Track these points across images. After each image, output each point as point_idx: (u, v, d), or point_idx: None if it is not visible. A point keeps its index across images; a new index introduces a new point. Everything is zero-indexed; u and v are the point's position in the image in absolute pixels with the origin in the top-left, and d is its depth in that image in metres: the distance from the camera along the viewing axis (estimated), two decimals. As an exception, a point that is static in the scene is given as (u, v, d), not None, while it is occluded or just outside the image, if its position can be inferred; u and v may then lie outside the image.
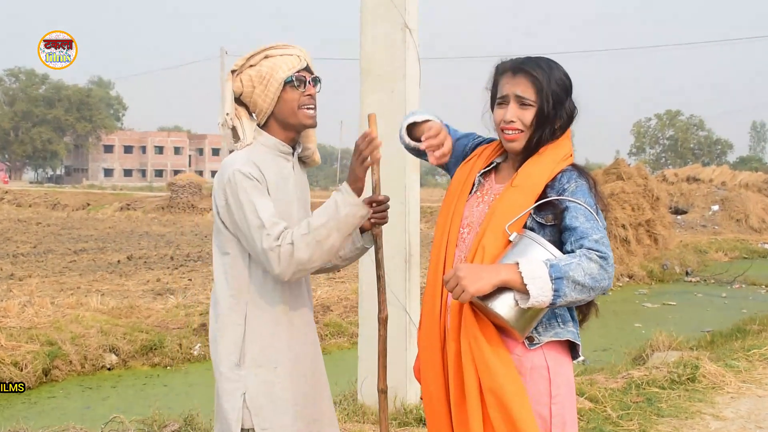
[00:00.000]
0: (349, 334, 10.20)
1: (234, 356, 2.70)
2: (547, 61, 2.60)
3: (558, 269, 2.27)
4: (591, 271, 2.29)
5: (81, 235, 25.95)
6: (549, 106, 2.52)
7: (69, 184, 78.34)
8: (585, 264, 2.29)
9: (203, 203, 37.71)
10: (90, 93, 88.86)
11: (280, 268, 2.57)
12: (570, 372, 2.54)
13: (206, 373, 8.83)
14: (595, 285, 2.29)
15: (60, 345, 8.75)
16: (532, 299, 2.27)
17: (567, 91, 2.57)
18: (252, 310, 2.70)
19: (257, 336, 2.70)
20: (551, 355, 2.48)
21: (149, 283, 14.13)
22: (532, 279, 2.27)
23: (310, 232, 2.58)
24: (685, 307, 14.36)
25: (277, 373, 2.71)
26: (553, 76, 2.54)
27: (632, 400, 6.10)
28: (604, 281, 2.31)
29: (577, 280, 2.27)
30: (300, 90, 2.76)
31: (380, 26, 5.48)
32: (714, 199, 32.74)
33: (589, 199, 2.46)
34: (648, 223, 19.42)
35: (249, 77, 2.75)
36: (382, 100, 5.45)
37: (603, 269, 2.30)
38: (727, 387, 6.50)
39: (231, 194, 2.64)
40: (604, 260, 2.31)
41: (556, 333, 2.48)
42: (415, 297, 5.70)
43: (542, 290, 2.27)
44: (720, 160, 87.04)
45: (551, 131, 2.55)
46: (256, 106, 2.77)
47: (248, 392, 2.68)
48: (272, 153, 2.78)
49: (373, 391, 5.59)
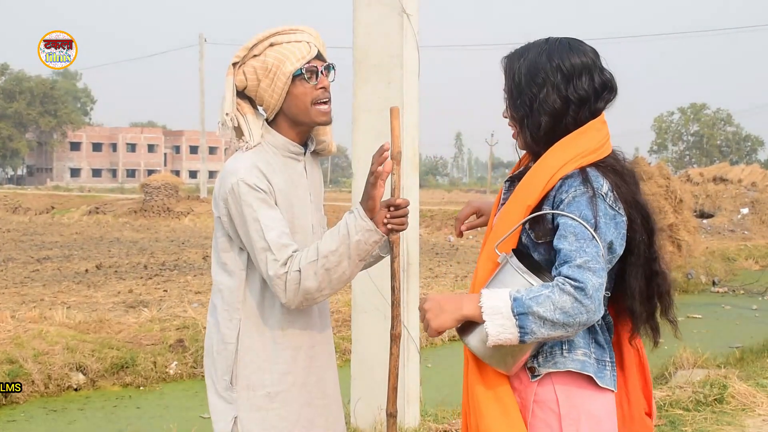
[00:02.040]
0: (341, 350, 10.18)
1: (227, 376, 2.70)
2: (534, 45, 2.50)
3: (521, 304, 2.19)
4: (563, 305, 2.17)
5: (45, 242, 25.89)
6: (515, 94, 2.47)
7: (32, 185, 78.36)
8: (556, 297, 2.18)
9: (180, 206, 37.68)
10: (54, 85, 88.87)
11: (286, 298, 2.56)
12: (596, 405, 2.41)
13: (183, 393, 8.82)
14: (570, 321, 2.17)
15: (21, 363, 8.72)
16: (491, 338, 2.22)
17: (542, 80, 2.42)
18: (246, 328, 2.69)
19: (251, 358, 2.69)
20: (562, 388, 2.38)
21: (120, 294, 14.10)
22: (492, 316, 2.22)
23: (319, 259, 2.54)
24: (712, 320, 14.38)
25: (273, 399, 2.69)
26: (526, 61, 2.45)
27: (654, 423, 6.10)
28: (581, 315, 2.17)
29: (544, 316, 2.17)
30: (312, 83, 2.69)
31: (375, 10, 5.47)
32: (743, 201, 32.77)
33: (586, 212, 2.29)
34: (671, 228, 19.44)
35: (253, 69, 2.69)
36: (378, 91, 5.44)
37: (578, 302, 2.17)
38: (759, 409, 6.51)
39: (234, 207, 2.61)
40: (580, 291, 2.17)
41: (555, 363, 2.38)
42: (414, 310, 5.68)
43: (504, 328, 2.20)
44: (750, 158, 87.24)
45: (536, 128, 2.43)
46: (263, 101, 2.72)
47: (240, 417, 2.68)
48: (281, 154, 2.74)
49: (368, 412, 5.60)
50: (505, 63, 2.53)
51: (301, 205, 2.76)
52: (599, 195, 2.33)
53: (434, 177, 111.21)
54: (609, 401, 2.44)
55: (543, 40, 2.51)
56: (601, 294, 2.21)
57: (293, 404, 2.71)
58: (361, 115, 5.50)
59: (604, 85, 2.45)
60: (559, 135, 2.42)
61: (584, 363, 2.39)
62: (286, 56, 2.66)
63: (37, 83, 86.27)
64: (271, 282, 2.56)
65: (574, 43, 2.47)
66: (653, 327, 2.55)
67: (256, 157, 2.68)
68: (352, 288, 5.77)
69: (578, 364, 2.38)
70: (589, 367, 2.39)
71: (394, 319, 2.81)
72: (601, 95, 2.45)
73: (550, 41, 2.48)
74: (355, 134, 5.58)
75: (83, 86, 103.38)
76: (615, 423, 2.46)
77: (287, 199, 2.70)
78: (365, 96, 5.49)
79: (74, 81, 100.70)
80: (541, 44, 2.48)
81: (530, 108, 2.43)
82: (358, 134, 5.54)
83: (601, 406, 2.42)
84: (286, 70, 2.65)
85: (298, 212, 2.74)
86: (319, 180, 2.94)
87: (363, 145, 5.48)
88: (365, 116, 5.47)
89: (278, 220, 2.60)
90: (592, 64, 2.44)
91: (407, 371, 5.47)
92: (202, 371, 9.03)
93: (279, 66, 2.66)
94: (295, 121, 2.73)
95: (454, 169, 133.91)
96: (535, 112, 2.42)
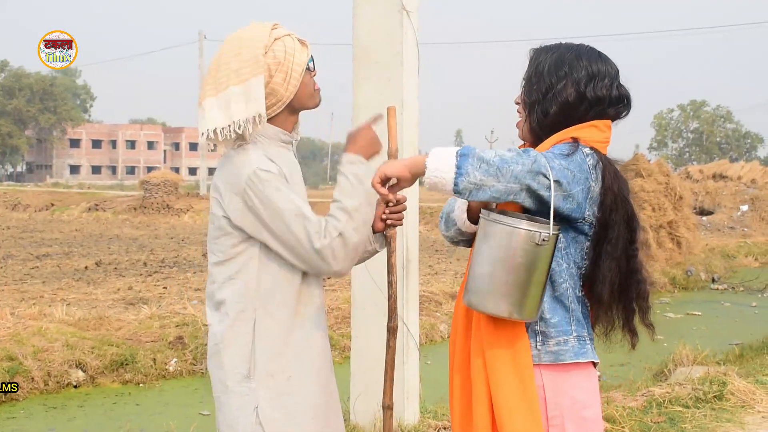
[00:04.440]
0: (340, 347, 10.19)
1: (242, 368, 2.70)
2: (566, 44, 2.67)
3: (467, 149, 2.35)
4: (503, 155, 2.35)
5: (44, 239, 25.90)
6: (533, 81, 2.61)
7: (31, 182, 78.22)
8: (502, 151, 2.37)
9: (179, 203, 37.67)
10: (54, 82, 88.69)
11: (338, 265, 2.63)
12: (580, 390, 2.54)
13: (183, 390, 8.83)
14: (504, 166, 2.32)
15: (21, 360, 8.72)
16: (427, 173, 2.36)
17: (564, 73, 2.58)
18: (261, 317, 2.71)
19: (268, 345, 2.71)
20: (548, 373, 2.50)
21: (120, 291, 14.10)
22: (435, 155, 2.38)
23: (351, 214, 2.63)
24: (712, 317, 14.37)
25: (291, 383, 2.72)
26: (555, 55, 2.62)
27: (653, 420, 6.11)
28: (517, 165, 2.33)
29: (482, 156, 2.32)
30: (312, 72, 2.83)
31: (375, 8, 5.48)
32: (743, 199, 32.80)
33: (563, 147, 2.49)
34: (670, 225, 19.45)
35: (266, 66, 2.72)
36: (378, 89, 5.45)
37: (519, 155, 2.35)
38: (758, 405, 6.51)
39: (256, 196, 2.63)
40: (525, 152, 2.38)
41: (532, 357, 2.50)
42: (414, 307, 5.70)
43: (442, 161, 2.35)
44: (750, 155, 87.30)
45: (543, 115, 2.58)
46: (274, 96, 2.74)
47: (260, 405, 2.68)
48: (275, 144, 2.78)
49: (368, 408, 5.60)
50: (532, 53, 2.68)
51: (300, 190, 2.81)
52: (580, 151, 2.49)
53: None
54: (592, 378, 2.58)
55: (576, 43, 2.68)
56: (542, 163, 2.35)
57: (308, 386, 2.74)
58: (361, 112, 5.51)
59: (621, 97, 2.62)
60: (562, 126, 2.56)
61: (557, 353, 2.51)
62: (294, 48, 2.74)
63: (37, 80, 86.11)
64: (320, 254, 2.60)
65: (604, 54, 2.64)
66: (631, 330, 2.66)
67: (257, 148, 2.73)
68: (351, 285, 5.78)
69: (551, 356, 2.51)
70: (565, 353, 2.51)
71: (391, 313, 2.84)
72: (615, 104, 2.61)
73: (581, 45, 2.66)
74: (354, 131, 5.58)
75: (83, 83, 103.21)
76: (598, 402, 2.60)
77: (293, 184, 2.75)
78: (365, 93, 5.49)
79: (74, 78, 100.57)
80: (572, 45, 2.66)
81: (544, 95, 2.58)
82: (358, 131, 5.54)
83: (585, 390, 2.54)
84: (301, 60, 2.75)
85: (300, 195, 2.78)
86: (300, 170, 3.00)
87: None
88: (365, 113, 5.47)
89: (302, 198, 2.69)
90: (615, 75, 2.62)
91: (407, 368, 5.48)
92: (202, 368, 9.08)
93: (292, 59, 2.73)
94: (298, 109, 2.82)
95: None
96: (547, 100, 2.57)
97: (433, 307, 12.72)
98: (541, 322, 2.51)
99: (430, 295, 13.09)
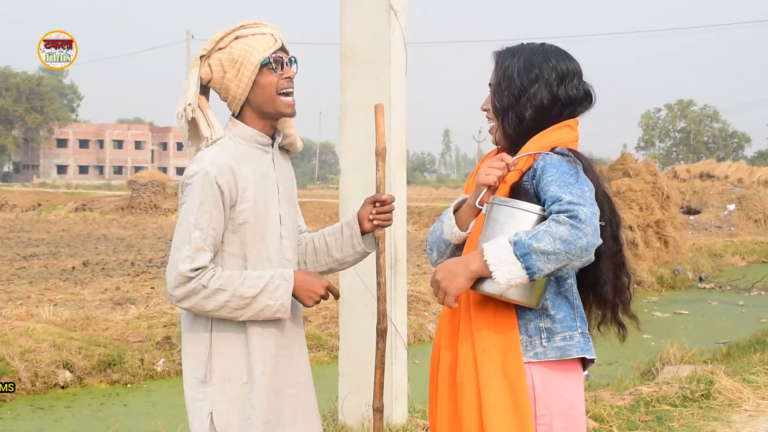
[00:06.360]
0: (328, 347, 10.19)
1: (199, 372, 2.70)
2: (531, 46, 2.66)
3: (521, 245, 2.31)
4: (561, 234, 2.29)
5: (31, 239, 25.81)
6: (503, 86, 2.60)
7: (18, 182, 77.92)
8: (553, 229, 2.30)
9: (167, 203, 37.57)
10: (41, 81, 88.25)
11: (173, 296, 2.61)
12: (569, 392, 2.55)
13: (171, 391, 8.80)
14: (570, 248, 2.29)
15: (8, 361, 8.68)
16: (503, 286, 2.34)
17: (535, 76, 2.58)
18: (218, 320, 2.69)
19: (225, 348, 2.69)
20: (539, 372, 2.50)
21: (107, 291, 14.06)
22: (498, 265, 2.33)
23: (229, 293, 2.61)
24: (699, 316, 14.44)
25: (248, 387, 2.69)
26: (522, 57, 2.61)
27: (641, 418, 6.13)
28: (581, 240, 2.29)
29: (545, 250, 2.29)
30: (278, 73, 2.74)
31: (363, 7, 5.48)
32: (730, 198, 32.93)
33: (565, 166, 2.46)
34: (657, 224, 19.52)
35: (219, 61, 2.73)
36: (366, 88, 5.45)
37: (574, 228, 2.29)
38: (745, 404, 6.53)
39: (183, 193, 2.67)
40: (574, 218, 2.30)
41: (536, 354, 2.51)
42: (402, 307, 5.70)
43: (512, 273, 2.32)
44: (737, 154, 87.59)
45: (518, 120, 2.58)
46: (228, 92, 2.74)
47: (215, 411, 2.68)
48: (249, 146, 2.76)
49: (356, 409, 5.60)
50: (496, 56, 2.67)
51: (270, 196, 2.78)
52: (576, 160, 2.50)
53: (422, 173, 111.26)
54: (581, 379, 2.59)
55: (539, 43, 2.68)
56: (595, 220, 2.34)
57: (262, 392, 2.71)
58: (349, 111, 5.52)
59: (587, 93, 2.65)
60: (537, 130, 2.58)
61: (563, 349, 2.52)
62: (252, 46, 2.72)
63: (24, 79, 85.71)
64: (173, 275, 2.59)
65: (568, 52, 2.67)
66: (619, 323, 2.71)
67: (224, 149, 2.71)
68: (340, 285, 5.77)
69: (558, 352, 2.52)
70: (571, 348, 2.53)
71: (379, 315, 2.83)
72: (583, 102, 2.65)
73: (545, 45, 2.67)
74: (342, 130, 5.59)
75: (70, 83, 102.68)
76: (584, 402, 2.63)
77: (256, 187, 2.73)
78: (353, 92, 5.49)
79: (61, 77, 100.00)
80: (537, 46, 2.66)
81: (516, 100, 2.58)
82: (346, 130, 5.55)
83: (573, 391, 2.56)
84: (254, 58, 2.70)
85: (268, 201, 2.77)
86: (290, 175, 2.97)
87: (351, 142, 5.50)
88: (353, 112, 5.48)
89: (212, 225, 2.64)
90: (581, 72, 2.65)
91: (395, 368, 5.47)
92: (190, 368, 9.06)
93: (245, 56, 2.71)
94: (260, 113, 2.77)
95: (441, 166, 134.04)
96: (521, 104, 2.57)
97: (421, 306, 12.73)
98: (546, 319, 2.52)
99: (419, 295, 13.10)
